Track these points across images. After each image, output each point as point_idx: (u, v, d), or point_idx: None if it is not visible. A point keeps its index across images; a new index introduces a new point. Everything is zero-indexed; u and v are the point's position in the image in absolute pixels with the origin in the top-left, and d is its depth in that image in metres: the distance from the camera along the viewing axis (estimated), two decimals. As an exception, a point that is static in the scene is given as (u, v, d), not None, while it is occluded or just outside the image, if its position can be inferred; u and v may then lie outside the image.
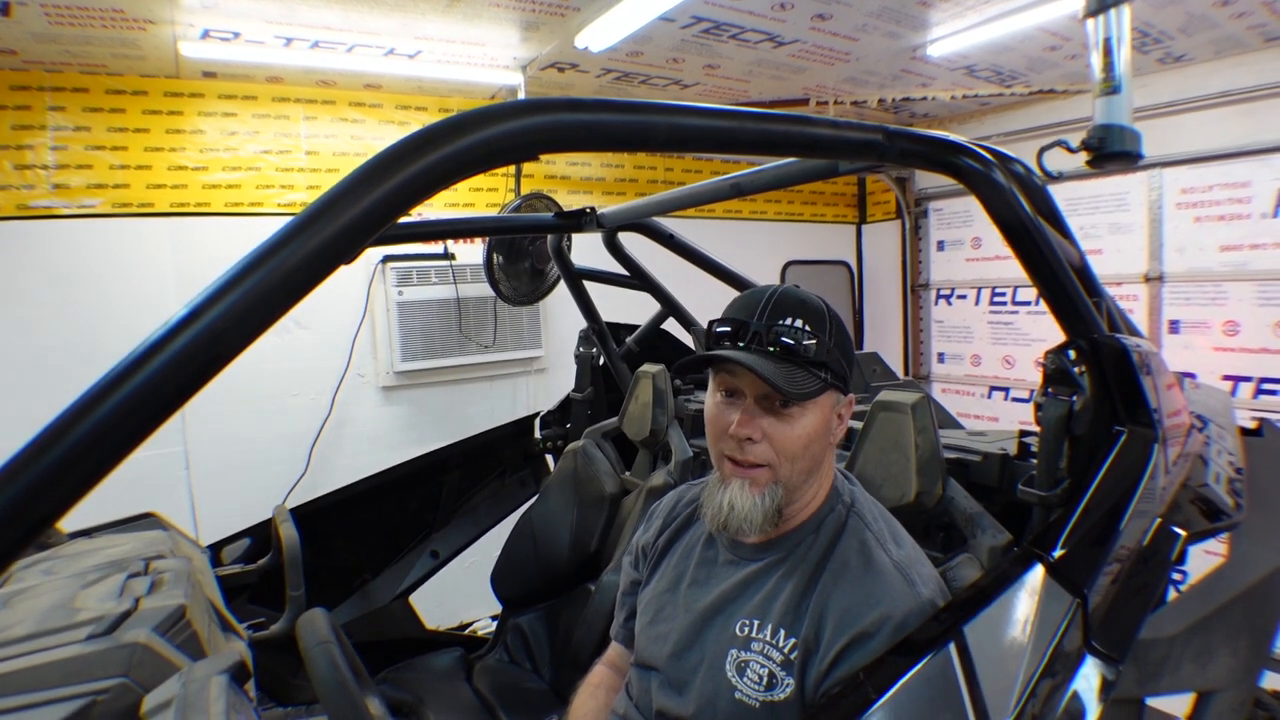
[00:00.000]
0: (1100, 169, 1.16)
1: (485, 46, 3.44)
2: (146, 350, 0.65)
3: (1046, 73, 4.13)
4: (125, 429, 0.66)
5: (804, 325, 1.10)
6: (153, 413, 0.66)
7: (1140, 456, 1.12)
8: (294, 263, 0.66)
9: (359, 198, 0.69)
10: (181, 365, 0.65)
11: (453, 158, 0.73)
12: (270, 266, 0.67)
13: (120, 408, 0.64)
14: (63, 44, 3.12)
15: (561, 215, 2.10)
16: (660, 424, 2.12)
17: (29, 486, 0.64)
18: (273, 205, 3.71)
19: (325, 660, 0.89)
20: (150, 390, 0.65)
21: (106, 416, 0.64)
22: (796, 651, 1.06)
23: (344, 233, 0.68)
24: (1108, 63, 1.09)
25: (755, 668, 1.08)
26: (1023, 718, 0.88)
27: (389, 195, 0.69)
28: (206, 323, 0.65)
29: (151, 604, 1.22)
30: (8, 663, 1.07)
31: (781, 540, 1.17)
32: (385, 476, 2.37)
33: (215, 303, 0.65)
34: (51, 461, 0.65)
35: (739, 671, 1.09)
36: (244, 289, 0.65)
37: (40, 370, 3.26)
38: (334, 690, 0.88)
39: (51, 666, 1.06)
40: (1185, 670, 1.13)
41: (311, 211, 0.68)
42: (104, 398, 0.63)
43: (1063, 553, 1.02)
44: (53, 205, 3.40)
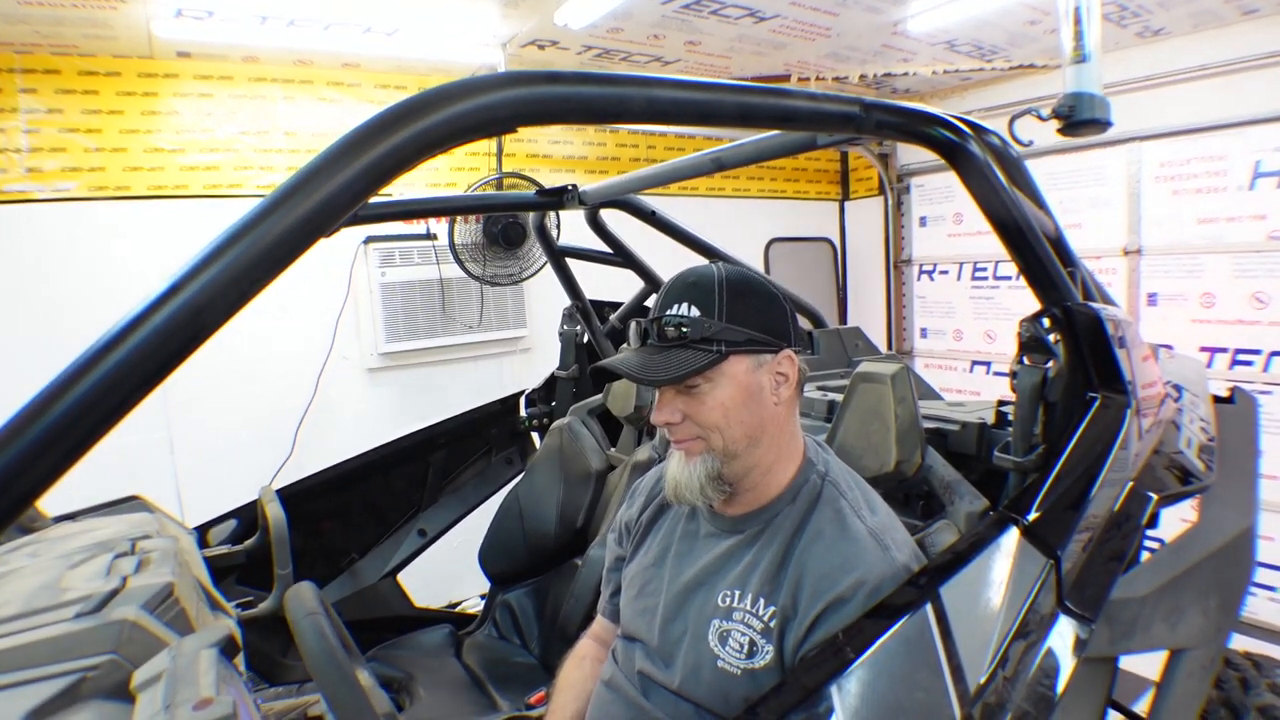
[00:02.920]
0: (1072, 135, 1.17)
1: (464, 24, 3.41)
2: (130, 324, 0.65)
3: (1027, 47, 4.14)
4: (109, 403, 0.66)
5: (688, 307, 1.13)
6: (136, 386, 0.66)
7: (1113, 422, 1.14)
8: (275, 235, 0.67)
9: (340, 170, 0.69)
10: (165, 339, 0.65)
11: (432, 130, 0.73)
12: (251, 239, 0.67)
13: (104, 382, 0.65)
14: (32, 24, 3.06)
15: (543, 192, 2.10)
16: (644, 400, 2.13)
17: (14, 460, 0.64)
18: (252, 187, 3.68)
19: (314, 631, 0.90)
20: (134, 364, 0.65)
21: (90, 391, 0.65)
22: (775, 619, 1.08)
23: (324, 205, 0.68)
24: (1077, 32, 1.11)
25: (737, 636, 1.10)
26: (997, 676, 0.91)
27: (369, 167, 0.69)
28: (189, 296, 0.65)
29: (139, 582, 1.22)
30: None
31: (759, 512, 1.19)
32: (371, 456, 2.38)
33: (197, 276, 0.65)
34: (36, 436, 0.65)
35: (721, 641, 1.11)
36: (225, 262, 0.66)
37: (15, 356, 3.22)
38: (323, 660, 0.89)
39: (40, 645, 1.06)
40: (1156, 629, 1.16)
41: (292, 184, 0.69)
42: (87, 371, 0.64)
43: (1037, 516, 1.04)
44: (27, 190, 3.35)
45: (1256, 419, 1.76)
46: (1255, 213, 3.74)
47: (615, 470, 2.18)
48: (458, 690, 2.04)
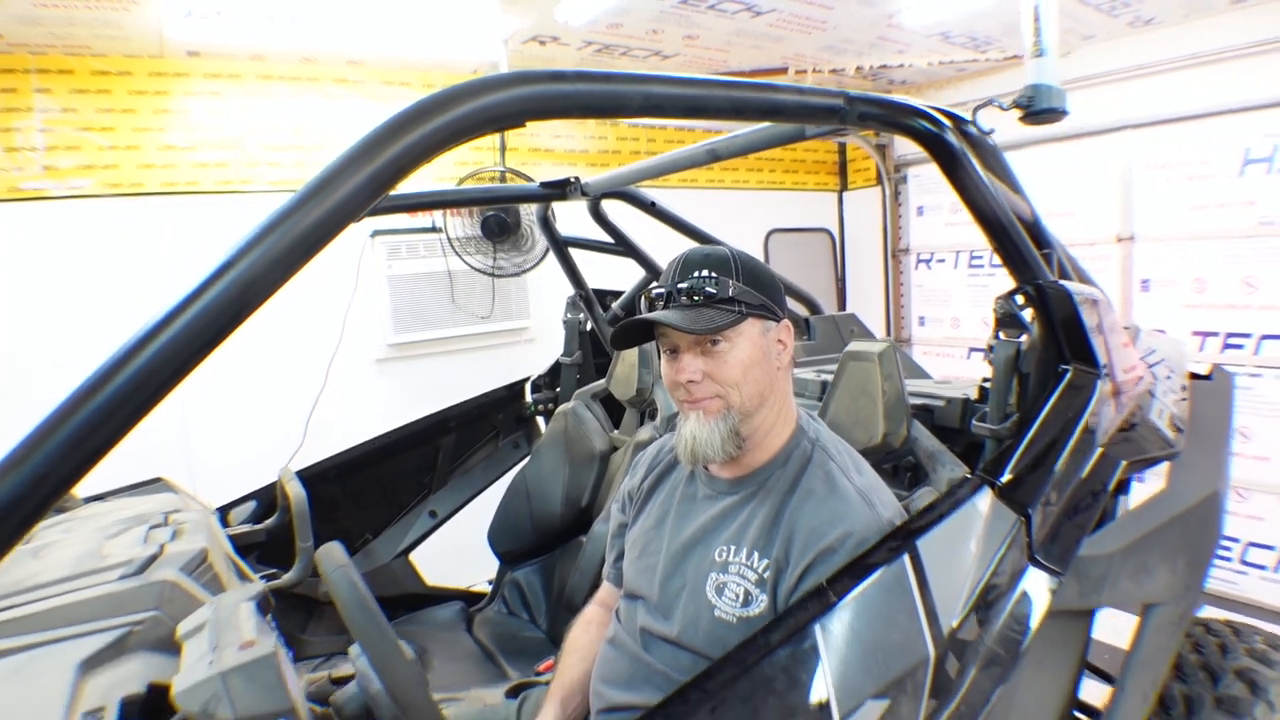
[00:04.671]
0: (1032, 123, 1.25)
1: (466, 22, 3.48)
2: (187, 299, 0.73)
3: (1020, 38, 4.20)
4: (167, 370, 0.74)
5: (709, 273, 1.22)
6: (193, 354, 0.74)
7: (1084, 392, 1.23)
8: (314, 218, 0.75)
9: (370, 160, 0.77)
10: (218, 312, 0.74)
11: (450, 124, 0.81)
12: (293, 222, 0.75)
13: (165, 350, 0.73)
14: (46, 25, 3.14)
15: (547, 184, 2.18)
16: (646, 383, 2.22)
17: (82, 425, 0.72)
18: (262, 183, 3.76)
19: (346, 581, 0.99)
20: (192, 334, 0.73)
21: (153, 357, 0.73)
22: (769, 570, 1.17)
23: (356, 192, 0.77)
24: (1036, 29, 1.19)
25: (732, 588, 1.19)
26: (969, 620, 0.99)
27: (397, 157, 0.77)
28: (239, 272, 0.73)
29: (175, 549, 1.32)
30: (47, 601, 1.16)
31: (753, 475, 1.28)
32: (384, 441, 2.47)
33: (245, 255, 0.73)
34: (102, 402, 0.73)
35: (718, 592, 1.20)
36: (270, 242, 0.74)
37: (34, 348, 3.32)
38: (356, 605, 0.97)
39: (88, 603, 1.15)
40: (1124, 585, 1.24)
41: (328, 173, 0.77)
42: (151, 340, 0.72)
43: (1010, 478, 1.13)
44: (44, 187, 3.43)
45: (1232, 395, 1.83)
46: (1245, 199, 3.81)
47: (618, 451, 2.26)
48: (469, 662, 2.13)
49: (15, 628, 1.10)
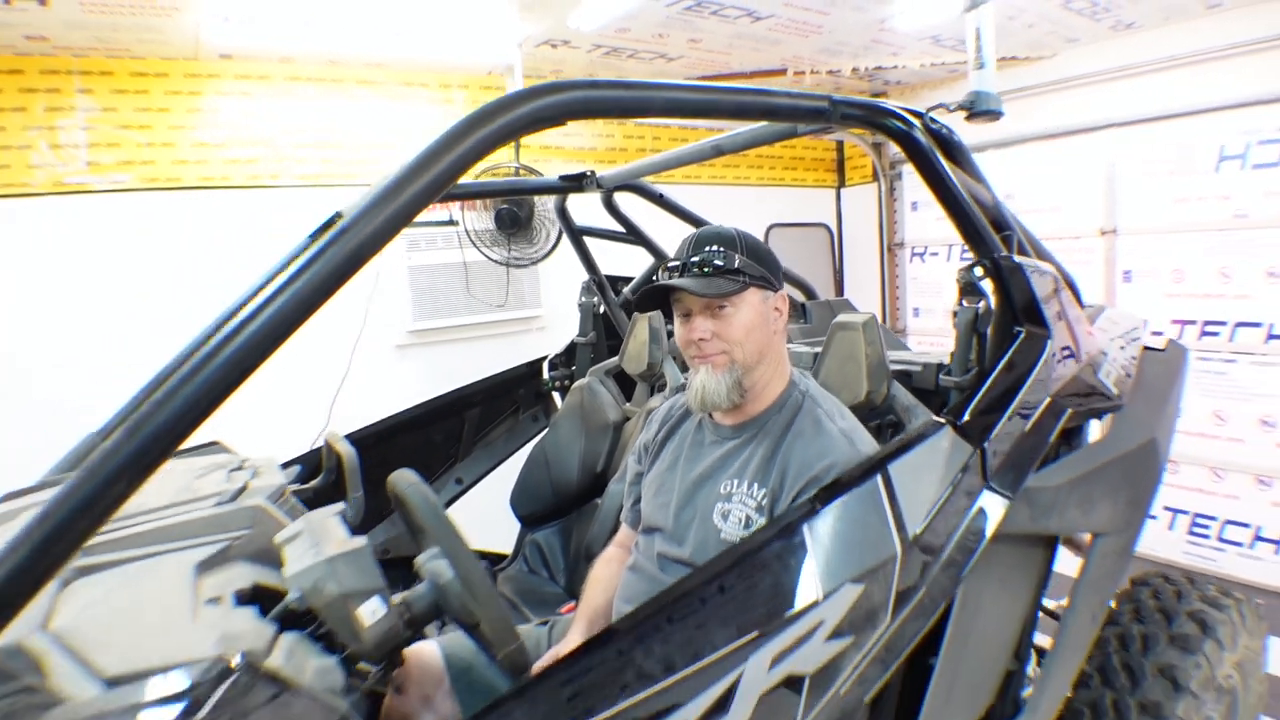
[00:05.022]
0: (974, 122, 1.47)
1: (483, 26, 3.69)
2: (313, 257, 0.94)
3: (1008, 40, 4.40)
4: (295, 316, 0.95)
5: (718, 248, 1.45)
6: (314, 301, 0.95)
7: (1034, 350, 1.44)
8: (405, 198, 0.96)
9: (450, 149, 0.98)
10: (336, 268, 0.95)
11: (511, 122, 1.02)
12: (390, 200, 0.96)
13: (296, 296, 0.94)
14: (91, 30, 3.35)
15: (566, 177, 2.39)
16: (656, 359, 2.44)
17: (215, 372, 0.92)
18: (291, 178, 3.98)
19: (421, 495, 1.20)
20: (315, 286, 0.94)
21: (286, 304, 0.94)
22: (766, 498, 1.39)
23: (440, 174, 0.98)
24: (978, 45, 1.40)
25: (736, 514, 1.41)
26: (931, 528, 1.21)
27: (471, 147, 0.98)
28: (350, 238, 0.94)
29: (257, 484, 1.54)
30: (157, 522, 1.38)
31: (753, 421, 1.50)
32: (414, 413, 2.68)
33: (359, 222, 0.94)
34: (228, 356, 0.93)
35: (723, 518, 1.42)
36: (378, 213, 0.95)
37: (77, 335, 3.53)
38: (430, 510, 1.19)
39: (193, 523, 1.37)
40: (1071, 514, 1.46)
41: (420, 158, 0.98)
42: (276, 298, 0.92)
43: (968, 419, 1.34)
44: (86, 182, 3.65)
45: (1183, 365, 2.05)
46: (1220, 194, 4.01)
47: (630, 421, 2.48)
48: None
49: (134, 541, 1.31)
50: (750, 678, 1.02)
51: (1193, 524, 4.34)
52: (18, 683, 0.84)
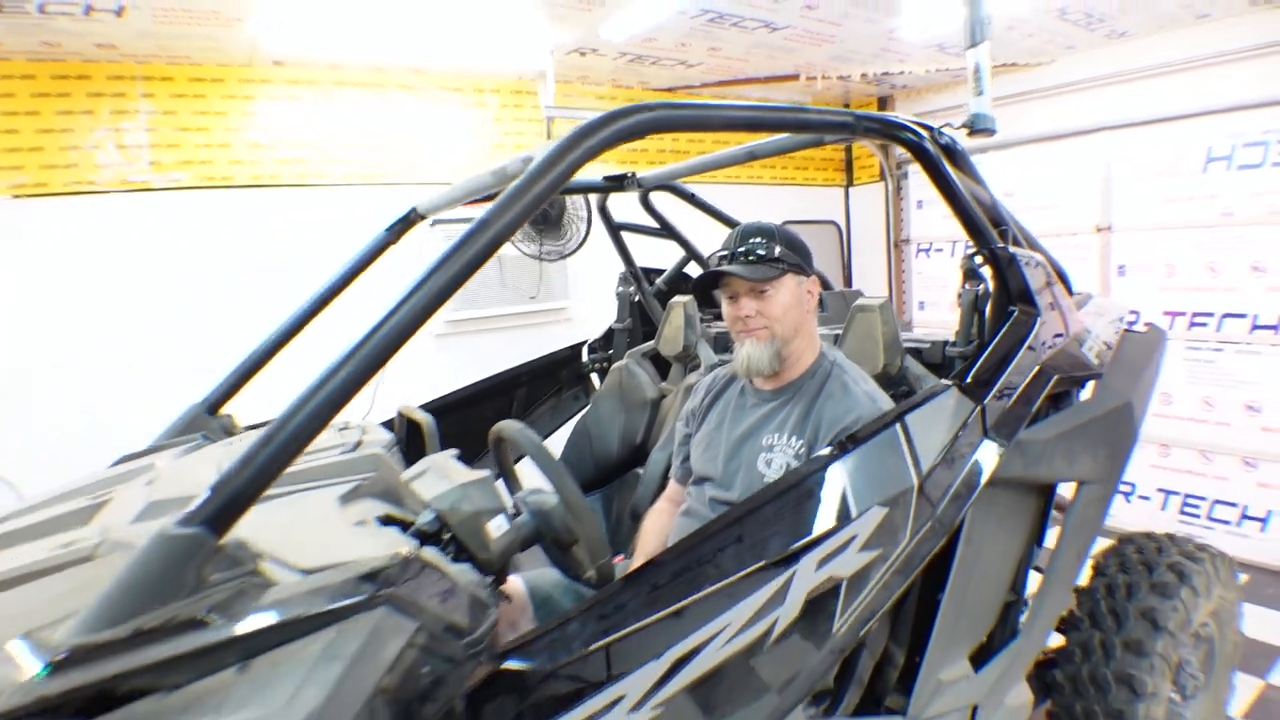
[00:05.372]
0: (974, 138, 1.74)
1: (516, 35, 3.96)
2: (447, 255, 1.21)
3: (1010, 48, 4.68)
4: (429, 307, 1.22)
5: (761, 240, 1.73)
6: (446, 293, 1.22)
7: (1026, 326, 1.71)
8: (533, 194, 1.23)
9: (561, 158, 1.25)
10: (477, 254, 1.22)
11: (609, 136, 1.29)
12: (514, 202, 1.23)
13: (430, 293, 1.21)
14: (157, 39, 3.63)
15: (609, 178, 2.66)
16: (691, 341, 2.71)
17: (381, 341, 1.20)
18: (336, 177, 4.27)
19: (525, 434, 1.47)
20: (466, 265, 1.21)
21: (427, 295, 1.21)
22: (803, 448, 1.66)
23: (556, 176, 1.25)
24: (978, 76, 1.67)
25: (777, 461, 1.68)
26: (940, 466, 1.48)
27: (581, 155, 1.24)
28: (495, 228, 1.21)
29: (370, 439, 1.81)
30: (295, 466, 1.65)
31: (789, 386, 1.78)
32: (466, 392, 2.95)
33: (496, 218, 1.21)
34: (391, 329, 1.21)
35: (766, 465, 1.69)
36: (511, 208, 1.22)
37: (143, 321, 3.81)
38: (537, 448, 1.46)
39: (325, 467, 1.65)
40: (1058, 463, 1.73)
41: (543, 162, 1.24)
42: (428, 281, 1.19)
43: (970, 381, 1.61)
44: (148, 180, 3.94)
45: (1161, 344, 2.32)
46: (1208, 193, 4.26)
47: (666, 398, 2.75)
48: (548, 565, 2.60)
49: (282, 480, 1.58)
50: (801, 577, 1.29)
51: (1184, 504, 4.59)
52: (244, 568, 1.11)
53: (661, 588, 1.26)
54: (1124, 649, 2.15)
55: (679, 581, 1.26)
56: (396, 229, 2.38)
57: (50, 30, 3.37)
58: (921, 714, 1.72)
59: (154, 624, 0.99)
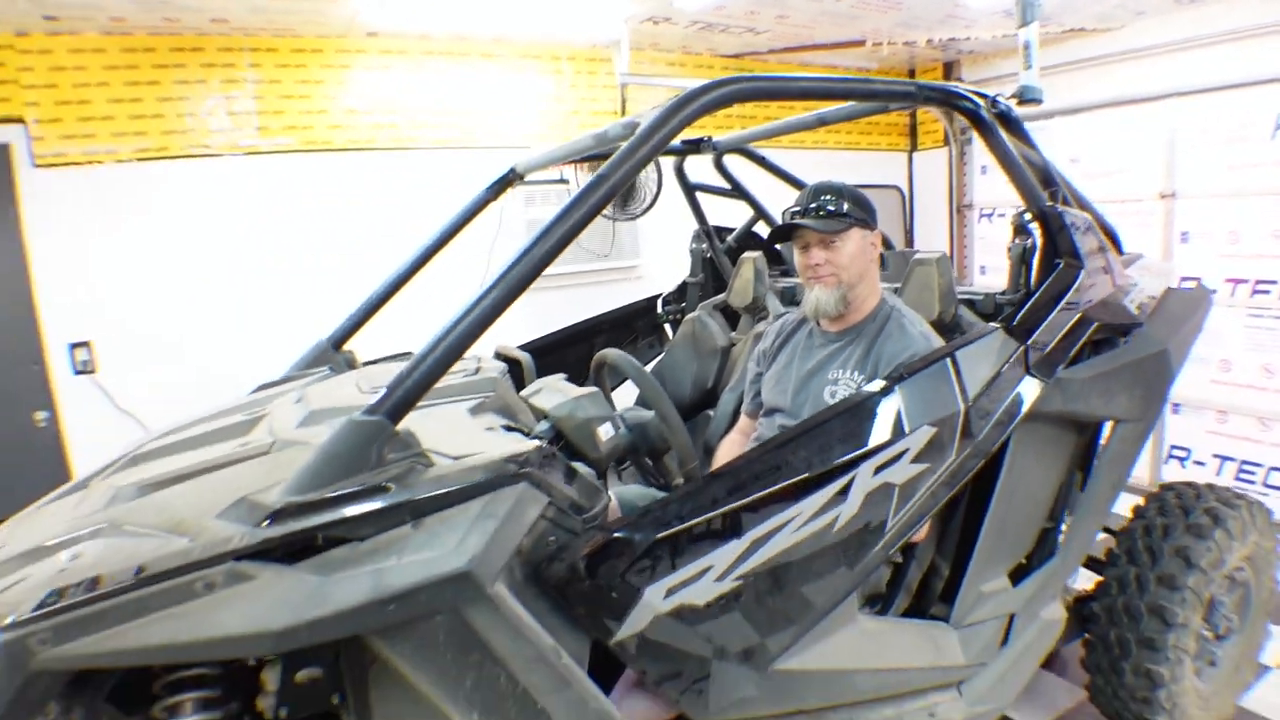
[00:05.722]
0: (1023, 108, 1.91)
1: (591, 5, 4.16)
2: (569, 206, 1.46)
3: (1079, 13, 4.70)
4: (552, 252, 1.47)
5: (831, 197, 1.96)
6: (565, 240, 1.47)
7: (1070, 276, 1.90)
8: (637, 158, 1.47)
9: (665, 122, 1.48)
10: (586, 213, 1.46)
11: (702, 105, 1.52)
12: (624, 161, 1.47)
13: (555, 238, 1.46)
14: (266, 13, 3.93)
15: (686, 142, 2.89)
16: (759, 293, 2.93)
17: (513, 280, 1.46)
18: (425, 140, 4.56)
19: (627, 359, 1.74)
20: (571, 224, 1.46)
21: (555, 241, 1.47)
22: (865, 382, 1.89)
23: (659, 139, 1.49)
24: (1027, 53, 1.85)
25: (841, 393, 1.91)
26: (985, 394, 1.69)
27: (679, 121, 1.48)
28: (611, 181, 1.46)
29: (486, 367, 2.10)
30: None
31: (853, 328, 2.01)
32: (552, 338, 3.24)
33: (612, 174, 1.46)
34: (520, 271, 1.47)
35: (831, 397, 1.93)
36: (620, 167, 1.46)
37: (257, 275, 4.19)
38: (637, 370, 1.72)
39: (452, 387, 1.94)
40: (1094, 400, 1.92)
41: (645, 131, 1.48)
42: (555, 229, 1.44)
43: (1016, 325, 1.82)
44: (256, 144, 4.27)
45: (1206, 303, 2.47)
46: (1275, 160, 4.28)
47: (735, 346, 2.99)
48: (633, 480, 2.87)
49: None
50: (860, 479, 1.54)
51: (1240, 470, 4.67)
52: (412, 450, 1.39)
53: (742, 482, 1.52)
54: (1157, 582, 2.33)
55: (757, 477, 1.52)
56: (496, 187, 2.64)
57: (172, 6, 3.69)
58: (963, 620, 1.95)
59: (346, 489, 1.28)
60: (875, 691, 1.80)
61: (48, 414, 4.00)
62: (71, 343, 3.97)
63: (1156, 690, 2.31)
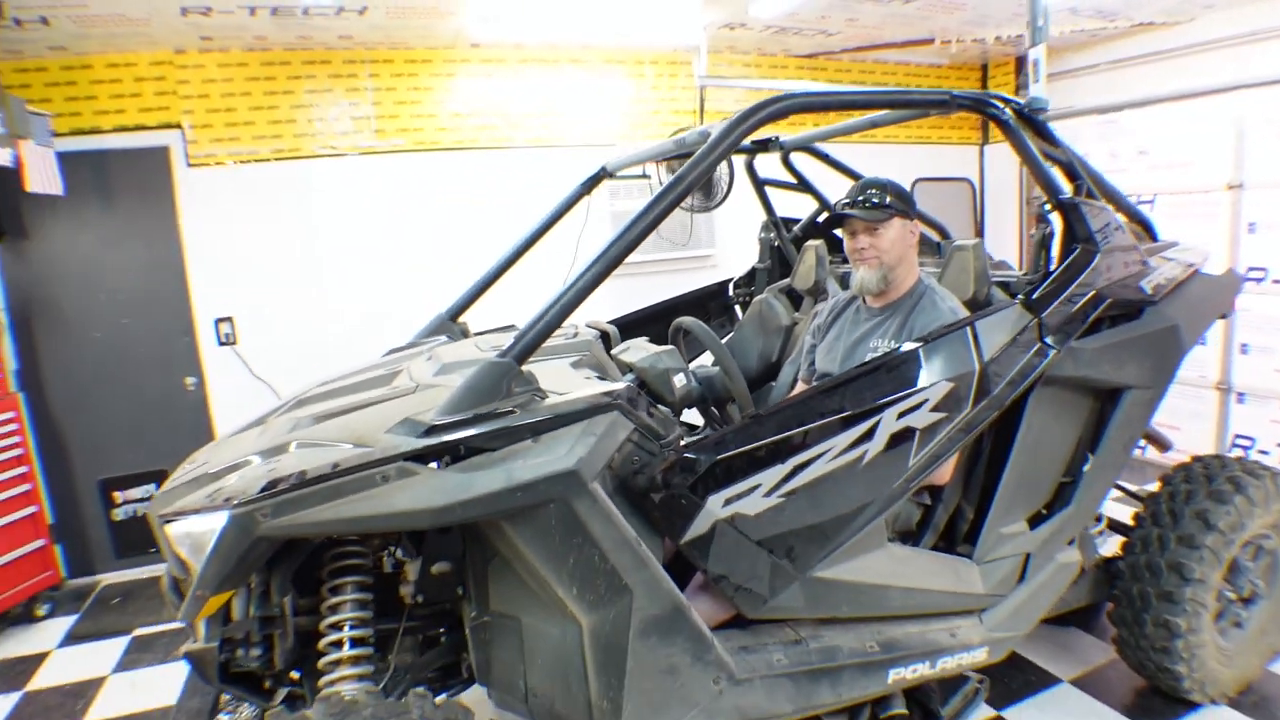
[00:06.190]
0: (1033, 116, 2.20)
1: (672, 14, 4.52)
2: (655, 199, 1.85)
3: (1146, 8, 4.83)
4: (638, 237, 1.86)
5: (875, 191, 2.30)
6: (649, 228, 1.86)
7: (1085, 260, 2.18)
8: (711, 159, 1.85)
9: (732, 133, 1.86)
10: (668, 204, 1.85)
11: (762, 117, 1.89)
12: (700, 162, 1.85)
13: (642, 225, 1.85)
14: (385, 30, 4.44)
15: (756, 141, 3.25)
16: (821, 278, 3.27)
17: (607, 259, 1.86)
18: (521, 140, 5.04)
19: (700, 325, 2.12)
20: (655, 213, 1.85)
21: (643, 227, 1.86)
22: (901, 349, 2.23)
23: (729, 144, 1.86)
24: (1035, 69, 2.14)
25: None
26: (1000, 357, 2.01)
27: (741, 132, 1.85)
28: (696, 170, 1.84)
29: (582, 333, 2.51)
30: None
31: (892, 305, 2.35)
32: (636, 316, 3.64)
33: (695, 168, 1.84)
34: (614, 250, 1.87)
35: None
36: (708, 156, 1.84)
37: (379, 266, 4.73)
38: (707, 333, 2.10)
39: (558, 347, 2.35)
40: (1105, 368, 2.20)
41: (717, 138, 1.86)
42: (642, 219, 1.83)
43: (1034, 300, 2.12)
44: (374, 145, 4.82)
45: (1230, 286, 2.70)
46: (1343, 151, 4.36)
47: (798, 325, 3.34)
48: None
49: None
50: (885, 421, 1.89)
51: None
52: (532, 386, 1.80)
53: (787, 420, 1.89)
54: (1177, 541, 2.58)
55: (799, 417, 1.88)
56: (589, 183, 3.05)
57: (307, 26, 4.23)
58: (984, 557, 2.27)
59: (483, 412, 1.70)
60: (902, 609, 2.14)
61: (196, 379, 4.64)
62: (217, 318, 4.61)
63: (1174, 640, 2.56)
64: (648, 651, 1.78)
